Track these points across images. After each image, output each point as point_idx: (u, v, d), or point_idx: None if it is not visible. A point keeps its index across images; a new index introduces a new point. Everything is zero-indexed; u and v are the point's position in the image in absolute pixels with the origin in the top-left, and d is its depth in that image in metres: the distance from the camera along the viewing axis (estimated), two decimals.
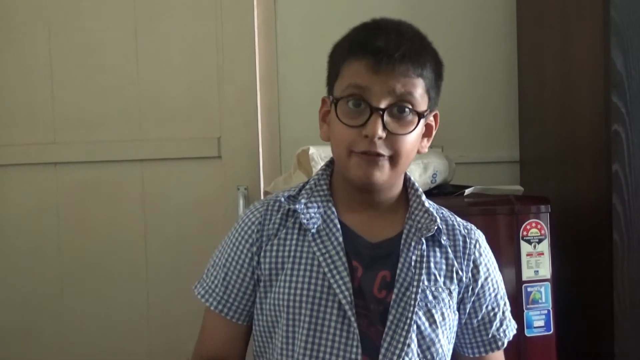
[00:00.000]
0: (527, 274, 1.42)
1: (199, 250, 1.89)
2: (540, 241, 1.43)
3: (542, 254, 1.43)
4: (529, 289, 1.42)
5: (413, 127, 1.04)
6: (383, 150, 1.02)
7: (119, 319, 2.00)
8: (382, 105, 1.02)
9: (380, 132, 1.01)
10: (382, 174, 1.04)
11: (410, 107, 1.03)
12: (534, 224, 1.43)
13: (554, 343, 1.43)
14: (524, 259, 1.42)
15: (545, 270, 1.43)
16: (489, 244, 1.19)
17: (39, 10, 2.00)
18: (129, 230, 2.00)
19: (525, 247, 1.43)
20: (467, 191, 1.52)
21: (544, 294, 1.43)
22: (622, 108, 1.44)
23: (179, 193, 1.99)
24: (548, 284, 1.43)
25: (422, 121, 1.06)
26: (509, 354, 1.34)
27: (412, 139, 1.05)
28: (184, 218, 1.97)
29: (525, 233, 1.43)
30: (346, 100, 1.03)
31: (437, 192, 1.59)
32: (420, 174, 1.54)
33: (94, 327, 2.00)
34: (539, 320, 1.42)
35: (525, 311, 1.42)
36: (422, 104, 1.05)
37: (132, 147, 1.99)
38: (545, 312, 1.43)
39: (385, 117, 1.02)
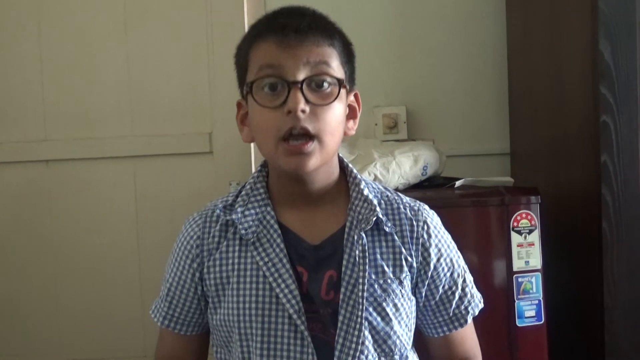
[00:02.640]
0: (517, 264, 1.43)
1: None
2: (530, 232, 1.44)
3: (533, 244, 1.44)
4: (519, 280, 1.43)
5: (335, 96, 0.99)
6: (308, 125, 0.97)
7: (113, 316, 2.00)
8: (300, 78, 0.97)
9: (303, 105, 0.96)
10: (315, 160, 0.99)
11: (328, 77, 0.99)
12: (524, 215, 1.44)
13: (544, 333, 1.44)
14: (514, 249, 1.43)
15: (536, 261, 1.44)
16: (479, 235, 1.19)
17: (29, 7, 1.99)
18: (121, 227, 2.00)
19: (515, 238, 1.43)
20: (458, 183, 1.53)
21: (534, 284, 1.44)
22: (611, 99, 1.45)
23: (171, 189, 2.00)
24: (539, 274, 1.44)
25: (344, 92, 1.02)
26: (501, 344, 1.36)
27: (337, 113, 1.01)
28: (177, 214, 1.96)
29: (515, 224, 1.44)
30: (261, 85, 0.99)
31: (427, 185, 1.60)
32: (410, 167, 1.55)
33: (87, 326, 2.00)
34: (530, 310, 1.43)
35: (517, 301, 1.42)
36: (339, 74, 1.01)
37: (123, 144, 1.99)
38: (536, 302, 1.43)
39: (305, 90, 0.97)
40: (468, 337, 1.16)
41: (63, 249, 2.01)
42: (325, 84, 0.99)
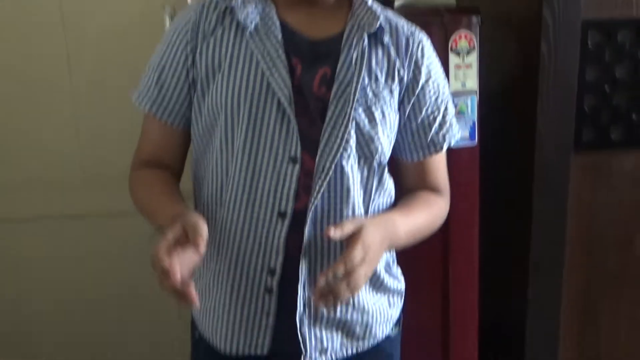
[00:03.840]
0: (454, 86, 1.42)
1: (124, 72, 1.82)
2: (468, 53, 1.42)
3: (470, 66, 1.43)
4: (455, 101, 1.42)
5: None
6: None
7: (47, 143, 1.96)
8: None
9: None
10: None
11: None
12: (463, 36, 1.41)
13: (477, 153, 1.47)
14: (452, 70, 1.41)
15: (473, 83, 1.43)
16: None
17: None
18: (50, 56, 1.90)
19: (453, 59, 1.41)
20: (397, 2, 1.48)
21: (470, 106, 1.44)
22: None
23: (101, 14, 1.88)
24: (474, 96, 1.44)
25: None
26: None
27: None
28: (108, 40, 1.87)
29: (454, 45, 1.41)
30: None
31: None
32: None
33: (23, 153, 1.96)
34: (464, 131, 1.44)
35: None
36: None
37: None
38: (471, 123, 1.45)
39: None
40: (440, 168, 1.20)
41: None
42: None
